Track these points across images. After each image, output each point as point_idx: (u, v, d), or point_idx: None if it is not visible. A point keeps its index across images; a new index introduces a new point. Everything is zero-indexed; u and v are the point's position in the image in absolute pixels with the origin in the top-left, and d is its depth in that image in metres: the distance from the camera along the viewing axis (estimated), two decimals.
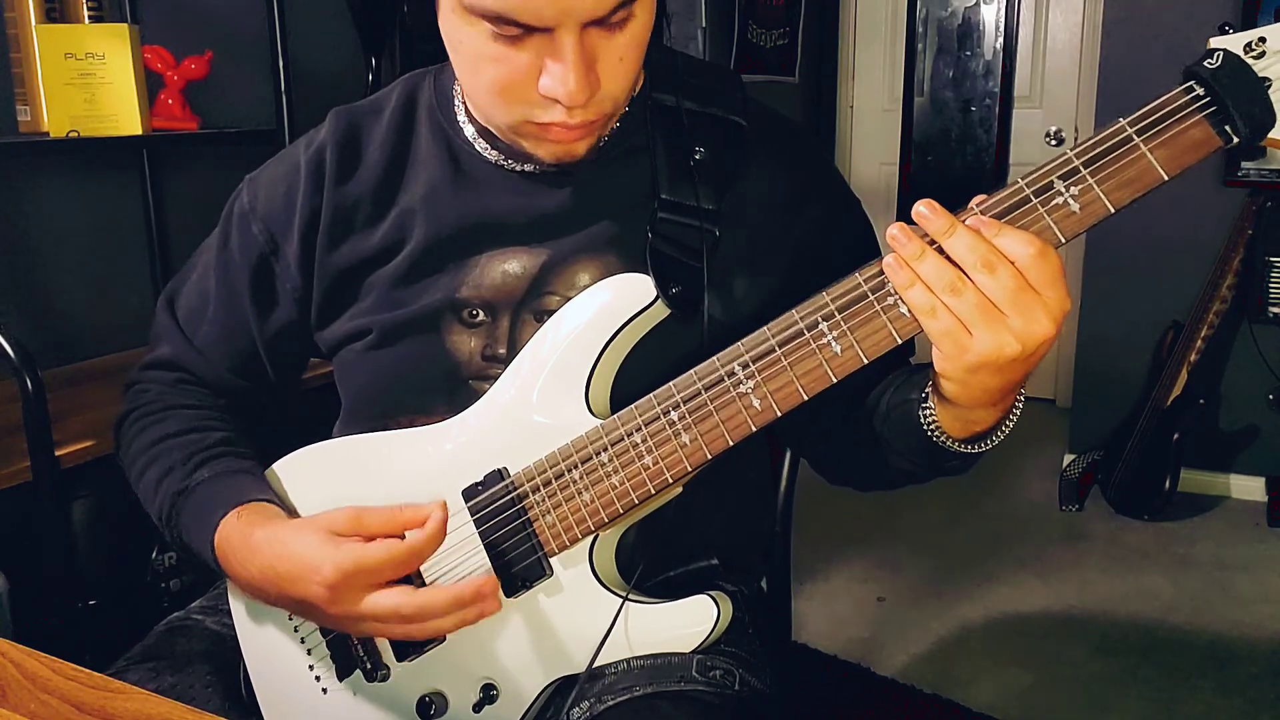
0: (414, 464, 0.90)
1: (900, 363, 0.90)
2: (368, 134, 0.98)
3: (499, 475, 0.86)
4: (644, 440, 0.82)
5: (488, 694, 0.88)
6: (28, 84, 1.70)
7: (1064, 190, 0.70)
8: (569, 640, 0.86)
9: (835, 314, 0.76)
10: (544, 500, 0.85)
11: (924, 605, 2.57)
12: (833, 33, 4.30)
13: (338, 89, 2.30)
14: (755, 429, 0.80)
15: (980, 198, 0.73)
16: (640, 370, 0.86)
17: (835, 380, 0.77)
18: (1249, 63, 0.68)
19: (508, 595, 0.86)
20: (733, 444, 0.81)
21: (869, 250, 0.95)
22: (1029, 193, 0.71)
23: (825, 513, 2.91)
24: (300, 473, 0.96)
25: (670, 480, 0.82)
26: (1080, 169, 0.70)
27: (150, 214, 2.05)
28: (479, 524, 0.87)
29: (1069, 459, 3.25)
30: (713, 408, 0.80)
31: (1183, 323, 3.02)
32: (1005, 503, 3.17)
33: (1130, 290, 3.18)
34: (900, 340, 0.75)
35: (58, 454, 1.44)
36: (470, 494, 0.87)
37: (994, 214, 0.71)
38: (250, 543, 0.86)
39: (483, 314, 0.92)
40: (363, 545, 0.81)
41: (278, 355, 1.03)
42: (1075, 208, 0.70)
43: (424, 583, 0.88)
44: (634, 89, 0.90)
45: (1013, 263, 0.69)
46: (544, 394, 0.87)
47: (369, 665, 0.90)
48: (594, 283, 0.88)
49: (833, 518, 2.94)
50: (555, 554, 0.86)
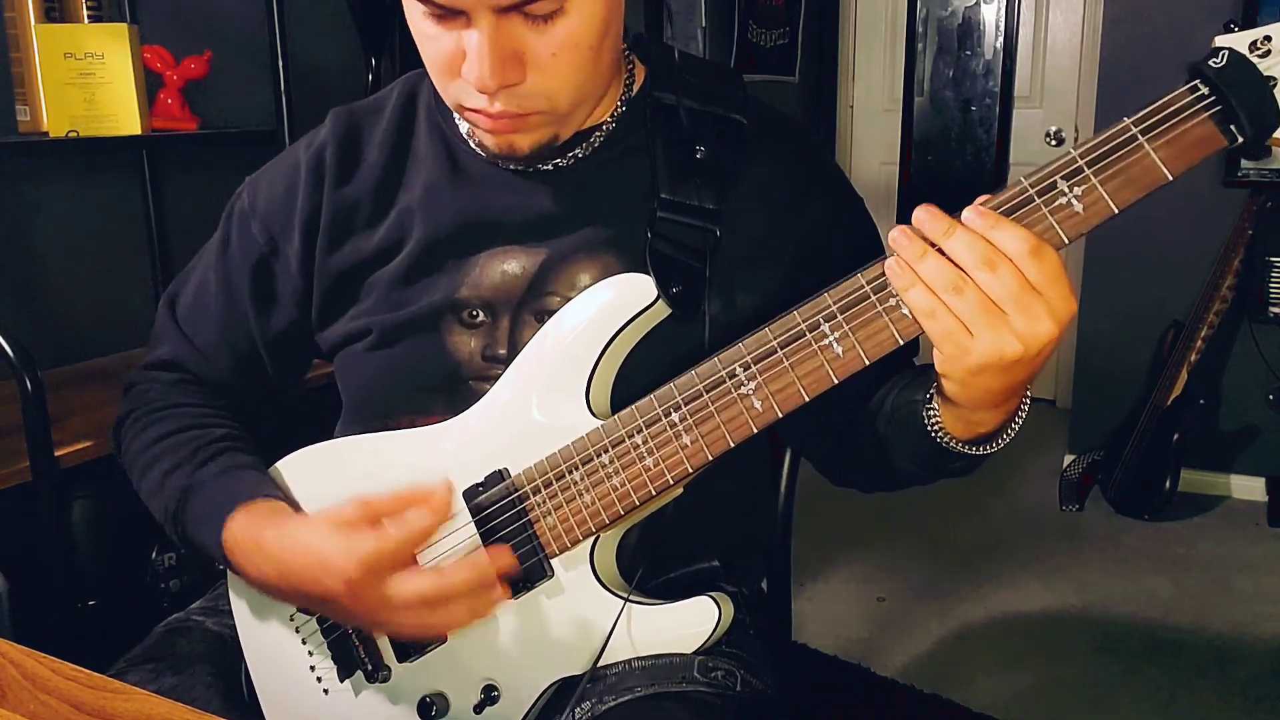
0: (414, 464, 0.90)
1: (904, 364, 0.89)
2: (368, 134, 0.98)
3: (500, 476, 0.86)
4: (645, 441, 0.82)
5: (489, 695, 0.88)
6: (27, 84, 1.70)
7: (1067, 190, 0.70)
8: (570, 641, 0.86)
9: (837, 314, 0.76)
10: (545, 501, 0.85)
11: (924, 605, 2.57)
12: (833, 32, 4.30)
13: (338, 89, 2.30)
14: (756, 430, 0.80)
15: (984, 198, 0.72)
16: (641, 370, 0.86)
17: (837, 381, 0.77)
18: (1254, 61, 0.68)
19: (509, 596, 0.86)
20: (734, 445, 0.80)
21: (871, 248, 0.95)
22: (1032, 192, 0.71)
23: (825, 513, 2.91)
24: (301, 473, 0.96)
25: (671, 481, 0.82)
26: (1084, 168, 0.70)
27: (150, 214, 2.05)
28: (480, 525, 0.87)
29: (1069, 459, 3.25)
30: (714, 409, 0.80)
31: (1183, 322, 3.02)
32: (1005, 503, 3.17)
33: (1130, 290, 3.18)
34: (902, 341, 0.75)
35: (57, 454, 1.44)
36: (471, 495, 0.87)
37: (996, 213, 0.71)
38: (261, 541, 0.85)
39: (483, 314, 0.92)
40: (374, 532, 0.81)
41: (278, 356, 1.03)
42: (1079, 208, 0.70)
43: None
44: (600, 89, 0.88)
45: (1011, 261, 0.69)
46: (544, 395, 0.86)
47: (370, 666, 0.90)
48: (594, 283, 0.87)
49: (833, 518, 2.93)
50: (556, 555, 0.85)
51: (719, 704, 0.86)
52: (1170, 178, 0.69)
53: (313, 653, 0.93)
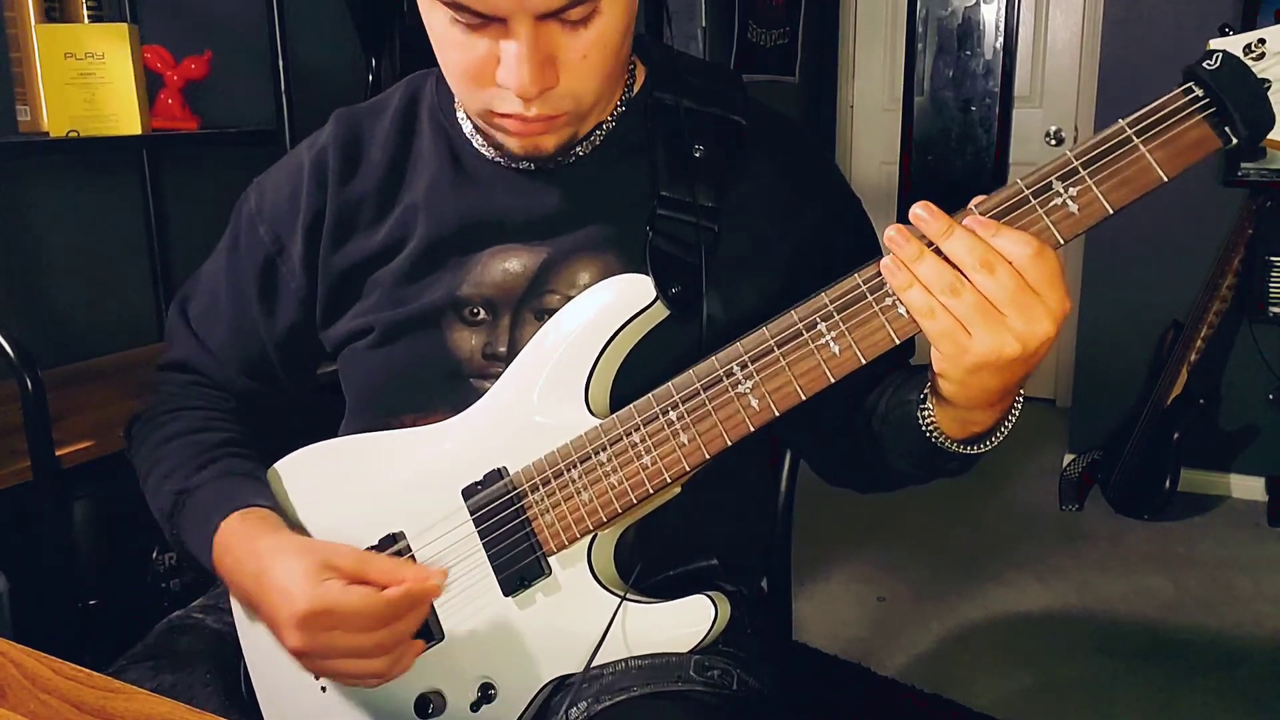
0: (414, 463, 0.90)
1: (899, 363, 0.90)
2: (370, 134, 0.98)
3: (498, 474, 0.87)
4: (643, 440, 0.82)
5: (485, 693, 0.88)
6: (27, 84, 1.70)
7: (1062, 191, 0.70)
8: (567, 640, 0.86)
9: (834, 314, 0.76)
10: (543, 500, 0.85)
11: (924, 605, 2.57)
12: (833, 32, 4.30)
13: (338, 89, 2.30)
14: (753, 429, 0.80)
15: (979, 199, 0.73)
16: (640, 370, 0.86)
17: (833, 380, 0.77)
18: (1249, 64, 0.68)
19: (506, 594, 0.86)
20: (731, 444, 0.81)
21: (869, 249, 0.95)
22: (1028, 194, 0.71)
23: (825, 513, 2.91)
24: (301, 472, 0.96)
25: (669, 480, 0.83)
26: (1079, 170, 0.70)
27: (150, 214, 2.05)
28: (478, 523, 0.87)
29: (1069, 459, 3.25)
30: (711, 408, 0.80)
31: (1183, 322, 3.02)
32: (1005, 503, 3.17)
33: (1130, 290, 3.18)
34: (898, 341, 0.75)
35: (58, 454, 1.44)
36: (470, 493, 0.87)
37: (992, 215, 0.71)
38: (253, 548, 0.86)
39: (484, 312, 0.92)
40: (342, 587, 0.79)
41: (287, 356, 1.03)
42: (1074, 209, 0.70)
43: None
44: (613, 88, 0.90)
45: (1010, 263, 0.69)
46: (544, 394, 0.87)
47: None
48: (594, 281, 0.88)
49: (833, 518, 2.94)
50: (554, 553, 0.86)
51: (715, 703, 0.86)
52: (1165, 179, 0.69)
53: None
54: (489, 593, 0.87)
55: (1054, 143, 3.84)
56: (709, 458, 0.82)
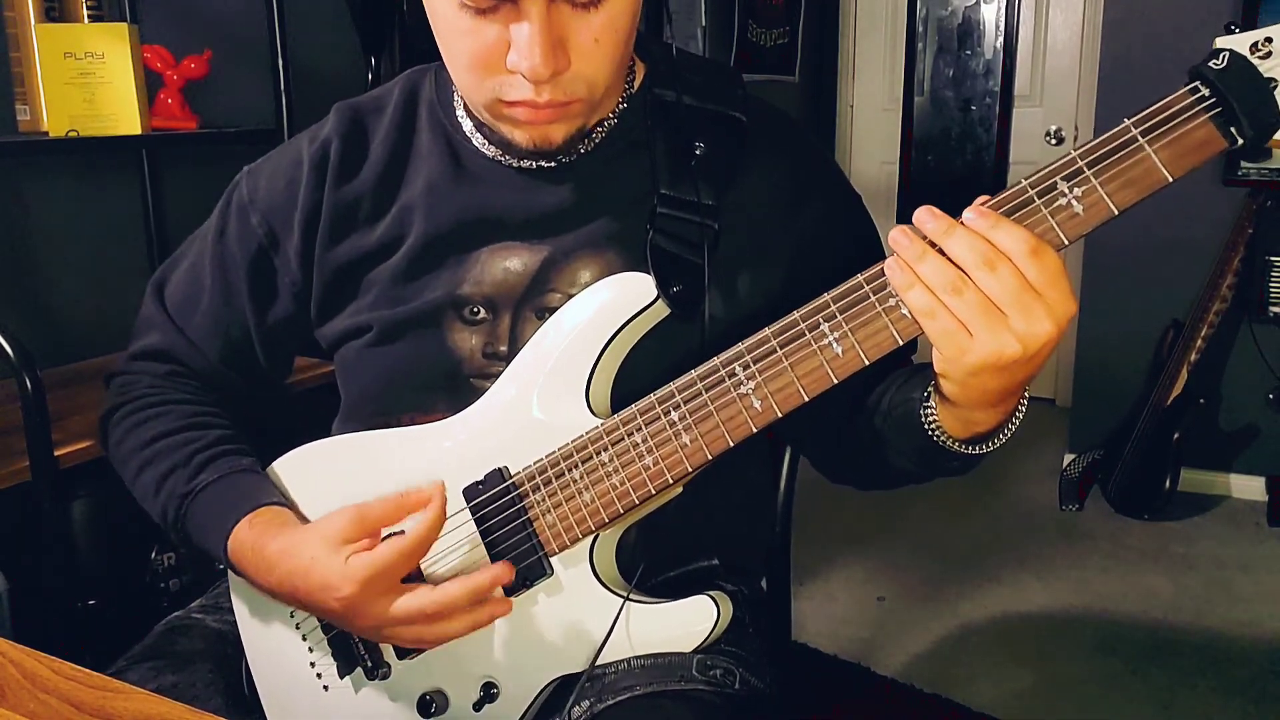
0: (414, 462, 0.90)
1: (902, 362, 0.89)
2: (371, 130, 0.98)
3: (499, 474, 0.86)
4: (644, 440, 0.82)
5: (488, 692, 0.88)
6: (27, 83, 1.70)
7: (1067, 191, 0.70)
8: (569, 640, 0.86)
9: (836, 314, 0.76)
10: (544, 500, 0.85)
11: (924, 605, 2.57)
12: (833, 32, 4.30)
13: (338, 89, 2.28)
14: (755, 429, 0.80)
15: (983, 198, 0.72)
16: (641, 369, 0.86)
17: (836, 381, 0.77)
18: (1255, 63, 0.67)
19: (508, 594, 0.86)
20: (733, 444, 0.80)
21: (870, 245, 0.95)
22: (1032, 193, 0.71)
23: (825, 513, 2.91)
24: (300, 471, 0.95)
25: (671, 480, 0.82)
26: (1084, 169, 0.70)
27: (150, 213, 2.04)
28: (479, 523, 0.87)
29: (1069, 459, 3.25)
30: (713, 408, 0.80)
31: (1183, 322, 3.02)
32: (1005, 503, 3.17)
33: (1130, 290, 3.18)
34: (901, 341, 0.75)
35: (57, 454, 1.44)
36: (471, 493, 0.87)
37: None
38: (266, 555, 0.86)
39: (484, 311, 0.92)
40: (370, 552, 0.81)
41: (272, 348, 1.03)
42: (1079, 209, 0.70)
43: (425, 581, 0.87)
44: (621, 80, 0.89)
45: (1012, 261, 0.69)
46: (545, 393, 0.86)
47: (370, 663, 0.90)
48: (595, 280, 0.88)
49: (833, 518, 2.94)
50: (556, 554, 0.86)
51: (717, 703, 0.86)
52: (1170, 179, 0.69)
53: (313, 650, 0.93)
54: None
55: (1054, 142, 3.84)
56: (711, 458, 0.81)
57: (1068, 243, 0.71)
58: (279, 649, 0.95)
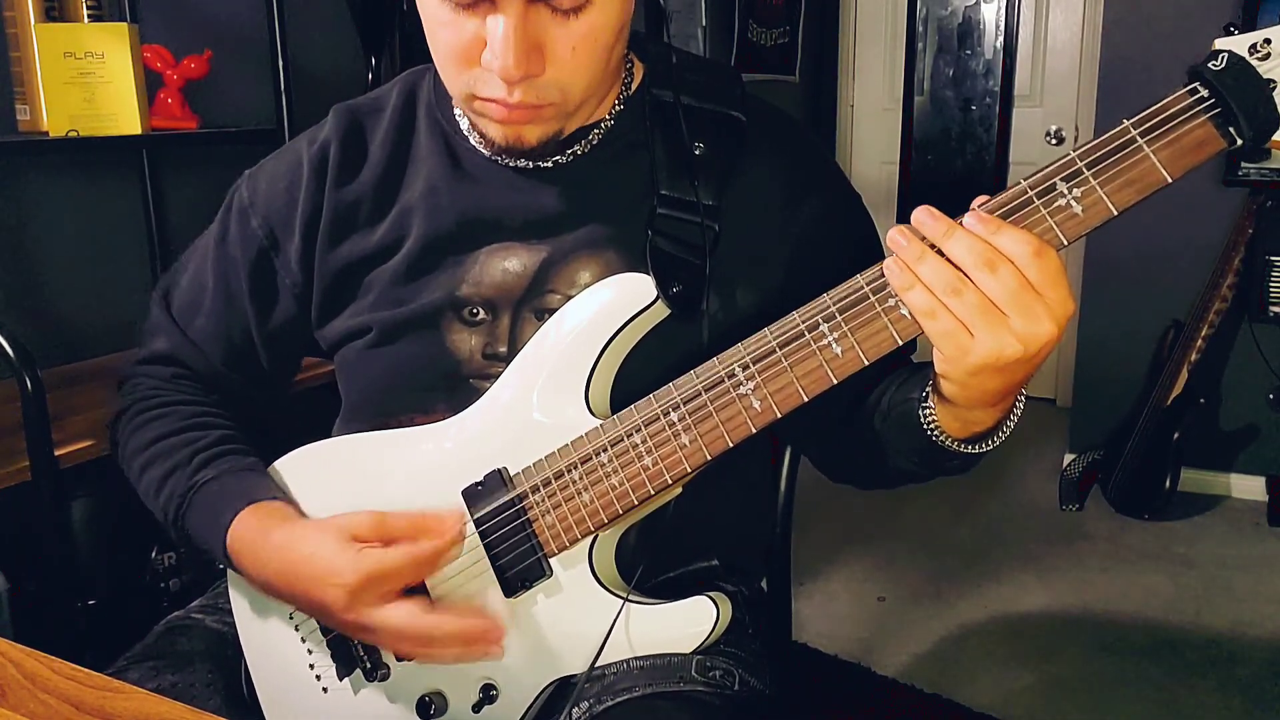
0: (414, 463, 0.90)
1: (901, 361, 0.89)
2: (370, 132, 0.98)
3: (499, 475, 0.86)
4: (644, 441, 0.82)
5: (487, 694, 0.88)
6: (27, 83, 1.70)
7: (1066, 191, 0.70)
8: (568, 641, 0.86)
9: (836, 315, 0.76)
10: (544, 501, 0.85)
11: (924, 605, 2.57)
12: (833, 32, 4.30)
13: (338, 89, 2.29)
14: (755, 430, 0.80)
15: (982, 199, 0.72)
16: (640, 370, 0.86)
17: (835, 382, 0.77)
18: (1254, 64, 0.67)
19: (507, 595, 0.86)
20: (733, 445, 0.80)
21: (870, 245, 0.95)
22: (1031, 194, 0.71)
23: (825, 513, 2.91)
24: (301, 471, 0.96)
25: (670, 481, 0.82)
26: (1083, 170, 0.70)
27: (150, 213, 2.04)
28: (479, 524, 0.87)
29: (1069, 459, 3.25)
30: (713, 409, 0.80)
31: (1183, 322, 3.02)
32: (1005, 503, 3.17)
33: (1130, 290, 3.17)
34: (901, 342, 0.75)
35: (57, 454, 1.44)
36: (470, 494, 0.87)
37: (996, 215, 0.71)
38: (266, 546, 0.86)
39: (483, 312, 0.92)
40: (382, 550, 0.82)
41: (274, 350, 1.03)
42: (1078, 209, 0.70)
43: (425, 590, 0.87)
44: (604, 87, 0.89)
45: (1012, 262, 0.69)
46: (544, 394, 0.86)
47: (369, 664, 0.90)
48: (594, 281, 0.88)
49: (833, 518, 2.94)
50: (555, 554, 0.86)
51: (717, 704, 0.86)
52: (1170, 180, 0.69)
53: (312, 651, 0.93)
54: (490, 594, 0.87)
55: (1054, 142, 3.84)
56: (710, 459, 0.81)
57: (1067, 243, 0.71)
58: (278, 650, 0.95)
